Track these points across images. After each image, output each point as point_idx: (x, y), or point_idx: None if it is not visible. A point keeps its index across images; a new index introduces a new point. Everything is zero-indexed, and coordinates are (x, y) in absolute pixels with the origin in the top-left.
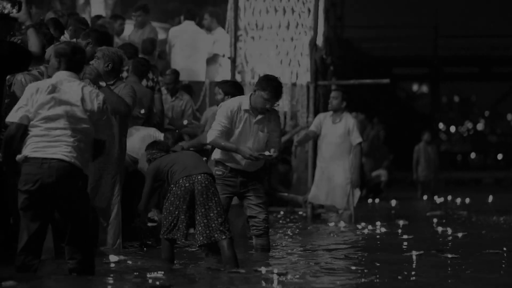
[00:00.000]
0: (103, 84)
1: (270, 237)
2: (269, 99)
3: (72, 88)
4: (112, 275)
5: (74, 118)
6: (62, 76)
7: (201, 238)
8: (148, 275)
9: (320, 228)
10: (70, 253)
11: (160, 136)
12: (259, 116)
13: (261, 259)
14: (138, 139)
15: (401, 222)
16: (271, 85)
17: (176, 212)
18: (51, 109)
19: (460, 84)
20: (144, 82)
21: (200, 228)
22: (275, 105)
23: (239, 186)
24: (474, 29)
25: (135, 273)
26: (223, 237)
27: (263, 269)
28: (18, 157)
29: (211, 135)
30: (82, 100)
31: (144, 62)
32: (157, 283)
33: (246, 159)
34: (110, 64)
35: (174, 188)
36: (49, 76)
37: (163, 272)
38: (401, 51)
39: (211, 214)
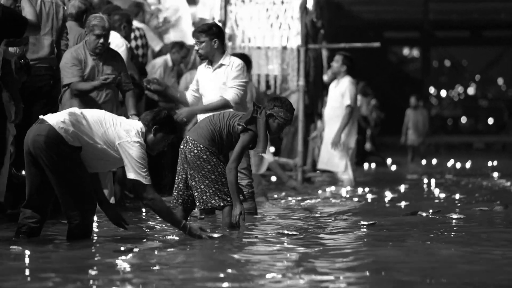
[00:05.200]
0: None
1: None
2: None
3: None
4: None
5: None
6: None
7: (197, 204)
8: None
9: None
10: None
11: None
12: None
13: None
14: None
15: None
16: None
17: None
18: None
19: (451, 48)
20: (133, 43)
21: (196, 194)
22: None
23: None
24: None
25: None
26: (221, 204)
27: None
28: None
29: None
30: None
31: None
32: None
33: None
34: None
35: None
36: None
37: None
38: (392, 15)
39: (206, 181)
